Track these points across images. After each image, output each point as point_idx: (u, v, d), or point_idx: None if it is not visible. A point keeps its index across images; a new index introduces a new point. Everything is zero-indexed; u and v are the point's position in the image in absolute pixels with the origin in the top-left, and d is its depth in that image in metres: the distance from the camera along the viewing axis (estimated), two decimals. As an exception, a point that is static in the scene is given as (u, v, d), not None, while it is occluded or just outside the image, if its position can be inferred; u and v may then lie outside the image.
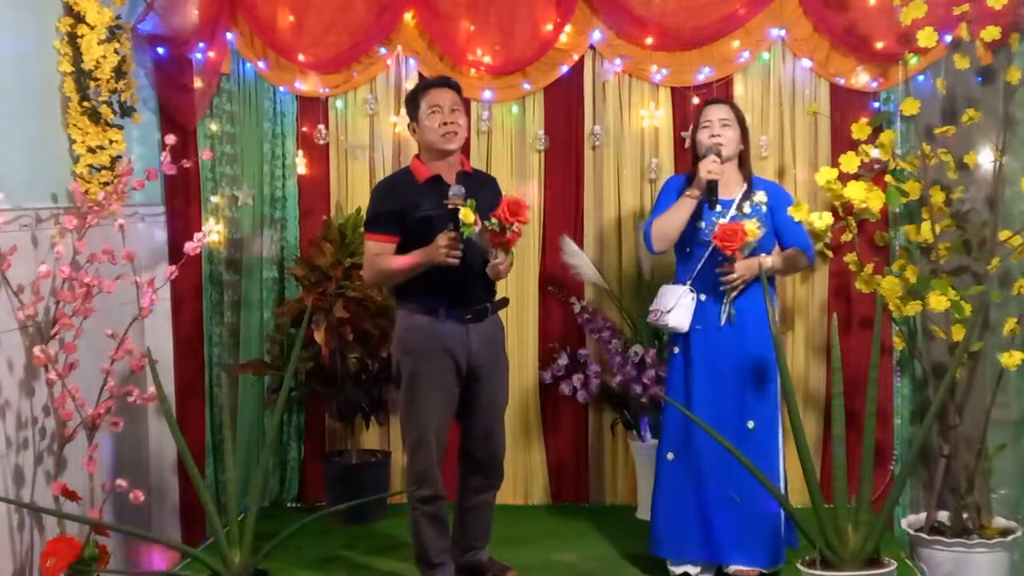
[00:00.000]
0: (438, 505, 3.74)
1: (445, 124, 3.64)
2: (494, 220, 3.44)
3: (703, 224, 3.82)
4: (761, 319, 3.83)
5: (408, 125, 3.78)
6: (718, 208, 3.81)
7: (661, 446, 3.97)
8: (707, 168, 3.74)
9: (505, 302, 3.90)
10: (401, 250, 3.67)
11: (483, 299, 3.75)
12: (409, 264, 3.60)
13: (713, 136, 3.82)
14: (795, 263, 3.95)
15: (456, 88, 3.75)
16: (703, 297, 3.85)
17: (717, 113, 3.87)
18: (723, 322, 3.81)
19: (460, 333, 3.67)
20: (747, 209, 3.83)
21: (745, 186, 3.89)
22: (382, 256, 3.66)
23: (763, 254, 3.81)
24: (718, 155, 3.77)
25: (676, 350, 3.94)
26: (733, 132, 3.86)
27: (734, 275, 3.77)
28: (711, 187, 3.74)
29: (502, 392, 3.89)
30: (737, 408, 3.81)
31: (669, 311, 3.81)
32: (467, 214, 3.40)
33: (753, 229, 3.68)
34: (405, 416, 3.74)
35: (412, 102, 3.74)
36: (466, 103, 4.16)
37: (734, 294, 3.81)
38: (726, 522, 3.82)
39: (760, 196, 3.85)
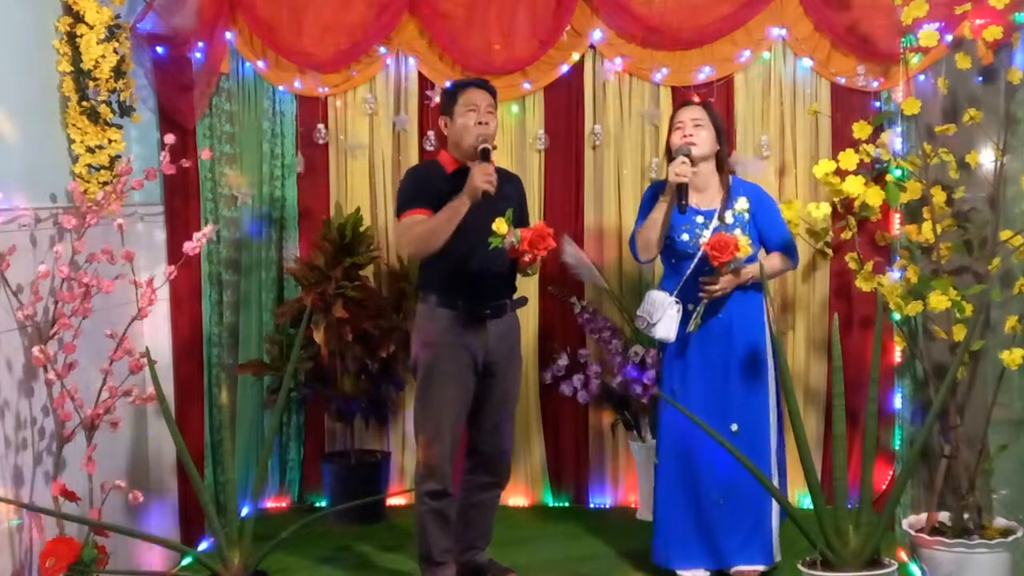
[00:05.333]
0: (445, 502, 3.73)
1: (479, 124, 3.70)
2: (519, 235, 3.46)
3: (687, 237, 3.81)
4: (752, 325, 3.82)
5: (440, 119, 3.82)
6: (699, 219, 3.80)
7: (657, 452, 3.96)
8: (675, 171, 3.71)
9: (524, 301, 3.91)
10: None
11: (503, 295, 3.77)
12: (448, 212, 3.57)
13: (685, 137, 3.80)
14: (781, 268, 3.96)
15: (493, 92, 3.81)
16: (690, 307, 3.82)
17: (689, 114, 3.84)
18: (690, 328, 3.79)
19: (479, 328, 3.69)
20: (729, 219, 3.79)
21: (723, 194, 3.85)
22: (418, 223, 3.65)
23: (747, 263, 3.79)
24: (688, 155, 3.73)
25: (664, 355, 3.95)
26: (707, 132, 3.81)
27: (716, 287, 3.75)
28: (680, 190, 3.71)
29: (514, 389, 3.91)
30: (721, 411, 3.79)
31: (656, 323, 3.79)
32: (500, 225, 3.44)
33: (745, 246, 3.67)
34: (420, 409, 3.74)
35: (450, 98, 3.78)
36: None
37: (703, 305, 3.78)
38: (724, 525, 3.82)
39: (742, 203, 3.81)
